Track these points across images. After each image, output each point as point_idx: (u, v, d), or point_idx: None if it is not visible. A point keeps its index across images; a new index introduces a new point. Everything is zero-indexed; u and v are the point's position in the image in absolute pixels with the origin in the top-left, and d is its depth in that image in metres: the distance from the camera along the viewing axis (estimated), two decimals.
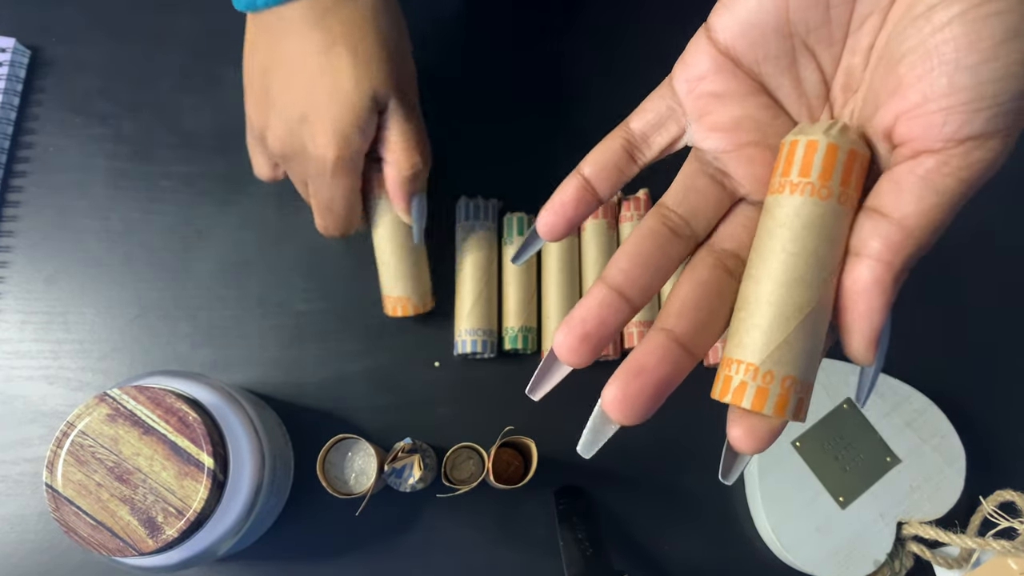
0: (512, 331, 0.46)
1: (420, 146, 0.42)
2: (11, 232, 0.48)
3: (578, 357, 0.24)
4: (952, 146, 0.20)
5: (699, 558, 0.45)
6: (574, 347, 0.23)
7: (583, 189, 0.26)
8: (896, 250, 0.21)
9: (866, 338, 0.21)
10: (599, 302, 0.24)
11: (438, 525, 0.45)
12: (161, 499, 0.34)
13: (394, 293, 0.46)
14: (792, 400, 0.22)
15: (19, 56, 0.50)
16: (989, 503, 0.43)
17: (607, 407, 0.23)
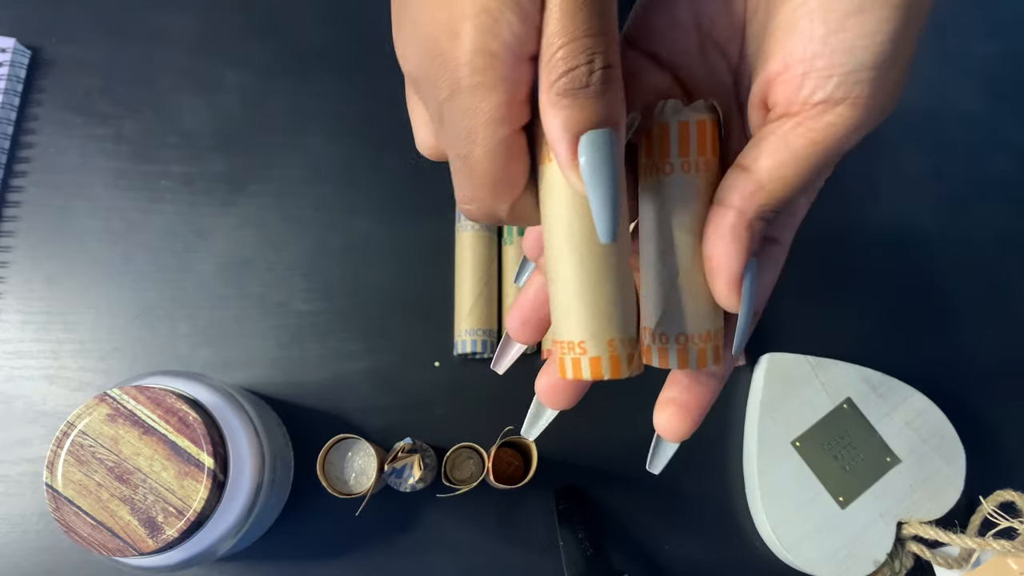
0: None
1: (594, 27, 0.21)
2: (11, 232, 0.48)
3: (523, 336, 0.27)
4: (807, 109, 0.21)
5: (699, 558, 0.45)
6: (517, 329, 0.27)
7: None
8: (748, 200, 0.22)
9: (726, 282, 0.22)
10: (535, 290, 0.26)
11: (438, 525, 0.45)
12: (161, 499, 0.34)
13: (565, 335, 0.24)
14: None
15: (19, 56, 0.50)
16: (989, 503, 0.43)
17: (540, 395, 0.27)
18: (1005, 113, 0.54)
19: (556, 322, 0.23)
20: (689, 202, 0.23)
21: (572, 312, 0.23)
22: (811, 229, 0.50)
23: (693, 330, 0.24)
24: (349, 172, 0.50)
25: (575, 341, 0.23)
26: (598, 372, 0.23)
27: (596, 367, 0.23)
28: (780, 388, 0.46)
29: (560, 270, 0.23)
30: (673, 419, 0.26)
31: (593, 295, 0.23)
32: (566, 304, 0.23)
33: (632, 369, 0.23)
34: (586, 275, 0.22)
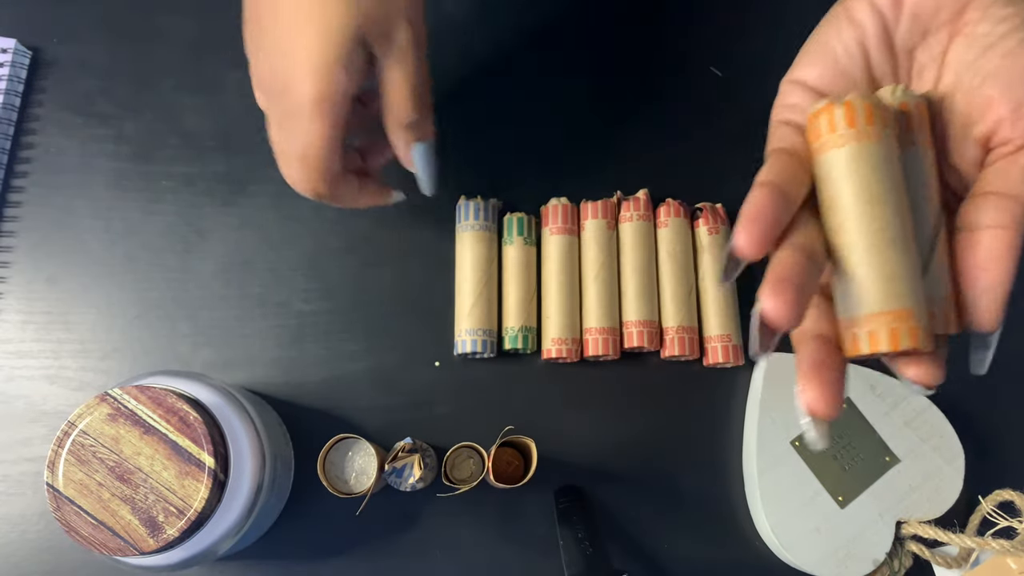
0: (512, 331, 0.46)
1: (417, 89, 0.38)
2: (12, 232, 0.48)
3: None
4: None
5: (699, 557, 0.45)
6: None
7: (773, 193, 0.27)
8: (1018, 220, 0.26)
9: (997, 300, 0.26)
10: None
11: (438, 524, 0.45)
12: (162, 499, 0.34)
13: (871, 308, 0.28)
14: None
15: (20, 57, 0.50)
16: (988, 502, 0.43)
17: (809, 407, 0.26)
18: None
19: (859, 297, 0.25)
20: (932, 178, 0.27)
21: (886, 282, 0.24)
22: None
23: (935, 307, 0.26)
24: None
25: (888, 311, 0.24)
26: (914, 340, 0.25)
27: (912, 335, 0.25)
28: (779, 388, 0.46)
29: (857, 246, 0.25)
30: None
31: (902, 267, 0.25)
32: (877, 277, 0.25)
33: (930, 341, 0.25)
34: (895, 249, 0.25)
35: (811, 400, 0.25)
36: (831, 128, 0.26)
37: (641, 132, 0.51)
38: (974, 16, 0.28)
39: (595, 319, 0.46)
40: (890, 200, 0.25)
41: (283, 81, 0.36)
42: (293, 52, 0.35)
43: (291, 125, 0.37)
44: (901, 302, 0.24)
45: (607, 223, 0.48)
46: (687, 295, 0.47)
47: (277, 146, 0.39)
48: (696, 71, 0.53)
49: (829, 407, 0.25)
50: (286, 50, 0.35)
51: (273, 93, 0.37)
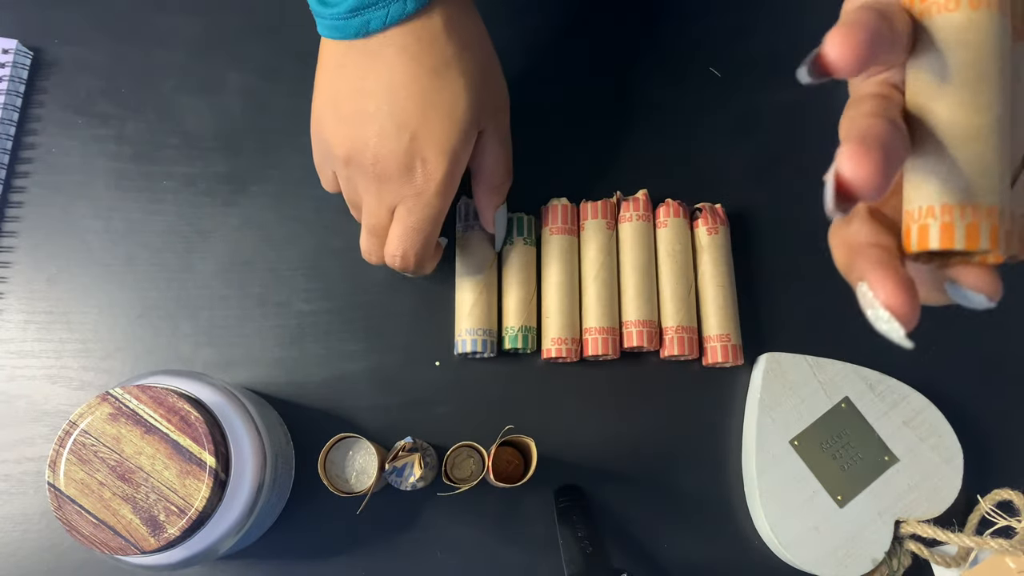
0: (512, 331, 0.46)
1: (509, 163, 0.46)
2: (14, 232, 0.48)
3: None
4: None
5: (698, 556, 0.45)
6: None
7: (879, 16, 0.21)
8: None
9: None
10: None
11: (438, 524, 0.45)
12: (163, 498, 0.34)
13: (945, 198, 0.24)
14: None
15: (21, 57, 0.50)
16: (987, 502, 0.44)
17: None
18: None
19: (943, 183, 0.21)
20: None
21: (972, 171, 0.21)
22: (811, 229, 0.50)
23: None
24: None
25: (972, 203, 0.21)
26: (994, 241, 0.21)
27: (992, 235, 0.21)
28: (778, 387, 0.46)
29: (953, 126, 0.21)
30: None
31: (996, 161, 0.21)
32: (968, 163, 0.21)
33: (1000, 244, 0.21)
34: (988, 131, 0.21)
35: (888, 295, 0.21)
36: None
37: (640, 132, 0.52)
38: None
39: (595, 319, 0.46)
40: (1000, 84, 0.21)
41: (408, 164, 0.40)
42: (421, 138, 0.39)
43: (415, 201, 0.41)
44: (989, 197, 0.21)
45: (607, 223, 0.48)
46: (686, 295, 0.47)
47: (375, 220, 0.42)
48: (696, 71, 0.53)
49: (907, 305, 0.21)
50: (414, 135, 0.39)
51: (394, 173, 0.40)
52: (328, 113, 0.41)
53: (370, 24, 0.38)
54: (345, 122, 0.40)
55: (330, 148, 0.41)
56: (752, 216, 0.50)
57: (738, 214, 0.50)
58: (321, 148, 0.43)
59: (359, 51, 0.39)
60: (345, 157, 0.41)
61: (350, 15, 0.38)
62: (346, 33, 0.39)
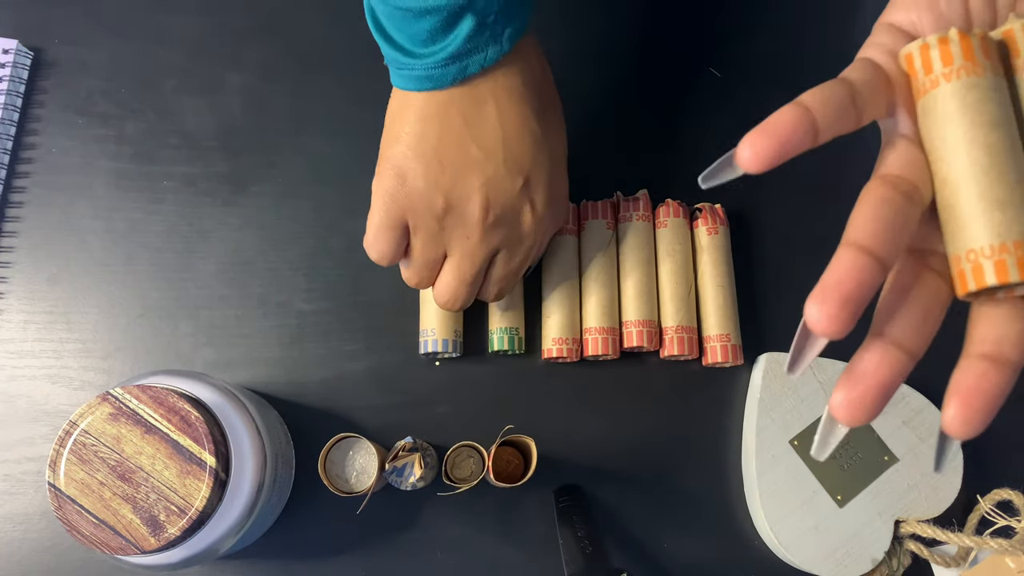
0: (498, 332, 0.46)
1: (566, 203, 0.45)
2: (14, 232, 0.48)
3: (837, 325, 0.22)
4: None
5: (698, 556, 0.45)
6: (833, 314, 0.22)
7: (804, 116, 0.24)
8: None
9: None
10: (852, 263, 0.23)
11: (439, 523, 0.45)
12: (163, 498, 0.34)
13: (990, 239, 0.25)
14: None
15: (22, 58, 0.50)
16: (986, 502, 0.44)
17: (834, 411, 0.24)
18: None
19: (969, 228, 0.23)
20: None
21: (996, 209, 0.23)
22: (811, 229, 0.50)
23: None
24: (350, 172, 0.50)
25: (1007, 243, 0.22)
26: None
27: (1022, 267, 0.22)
28: (778, 387, 0.46)
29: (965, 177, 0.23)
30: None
31: (1014, 196, 0.23)
32: (987, 206, 0.23)
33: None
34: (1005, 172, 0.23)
35: (840, 403, 0.23)
36: (927, 69, 0.24)
37: (641, 133, 0.52)
38: None
39: (595, 319, 0.46)
40: (1003, 131, 0.23)
41: (518, 209, 0.39)
42: (533, 180, 0.39)
43: (520, 246, 0.41)
44: (1012, 234, 0.22)
45: (607, 223, 0.48)
46: (686, 295, 0.47)
47: (476, 270, 0.41)
48: (695, 72, 0.53)
49: (854, 416, 0.23)
50: (527, 180, 0.39)
51: (498, 218, 0.39)
52: (422, 164, 0.37)
53: (468, 69, 0.36)
54: (448, 170, 0.37)
55: (427, 200, 0.38)
56: (752, 216, 0.50)
57: (738, 214, 0.50)
58: (407, 202, 0.39)
59: (462, 97, 0.37)
60: (445, 207, 0.38)
61: (448, 62, 0.36)
62: (442, 82, 0.36)
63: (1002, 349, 0.24)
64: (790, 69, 0.53)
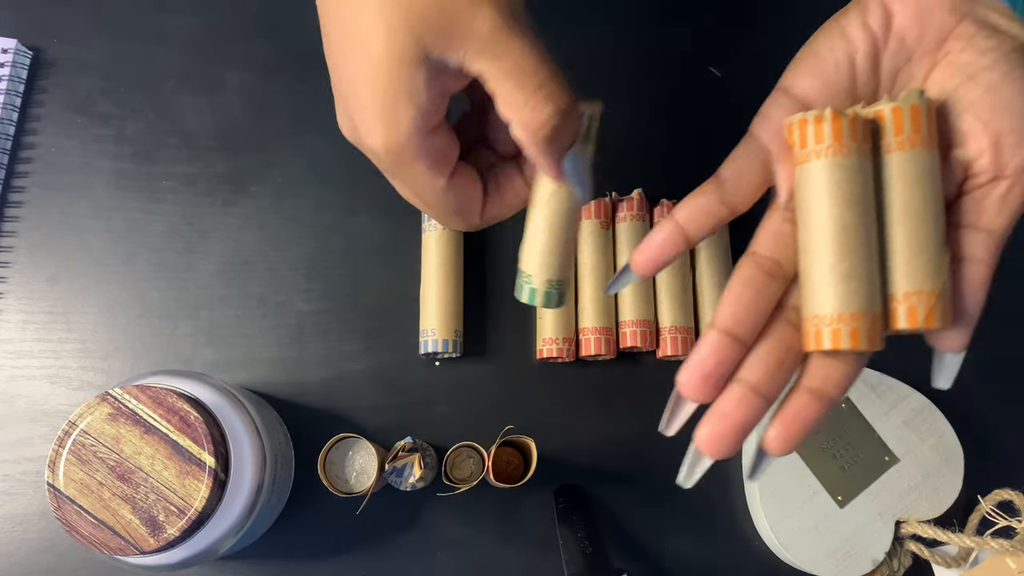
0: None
1: (545, 86, 0.28)
2: (13, 232, 0.48)
3: (701, 394, 0.28)
4: (1018, 172, 0.27)
5: (698, 556, 0.45)
6: (697, 386, 0.28)
7: (675, 233, 0.30)
8: (993, 253, 0.28)
9: (967, 333, 0.28)
10: (714, 345, 0.27)
11: (438, 524, 0.45)
12: (162, 498, 0.34)
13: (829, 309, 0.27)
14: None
15: (21, 57, 0.50)
16: (987, 502, 0.44)
17: (699, 444, 0.28)
18: None
19: (816, 295, 0.27)
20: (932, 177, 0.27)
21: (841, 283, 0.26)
22: None
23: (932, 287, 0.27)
24: (349, 172, 0.50)
25: (845, 313, 0.26)
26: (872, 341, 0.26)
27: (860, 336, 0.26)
28: None
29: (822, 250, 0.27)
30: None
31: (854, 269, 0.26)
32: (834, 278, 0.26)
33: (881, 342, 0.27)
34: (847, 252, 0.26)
35: (706, 436, 0.28)
36: (803, 143, 0.27)
37: (637, 132, 0.52)
38: (957, 45, 0.28)
39: (591, 319, 0.46)
40: (859, 210, 0.27)
41: (358, 137, 0.30)
42: (350, 102, 0.29)
43: (391, 178, 0.31)
44: (851, 306, 0.26)
45: (601, 223, 0.48)
46: (682, 295, 0.47)
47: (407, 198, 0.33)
48: (694, 71, 0.53)
49: (716, 450, 0.27)
50: (344, 99, 0.30)
51: (357, 142, 0.30)
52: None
53: None
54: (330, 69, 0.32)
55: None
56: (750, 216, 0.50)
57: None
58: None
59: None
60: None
61: None
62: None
63: (825, 386, 0.27)
64: None
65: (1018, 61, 0.27)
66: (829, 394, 0.27)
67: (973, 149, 0.28)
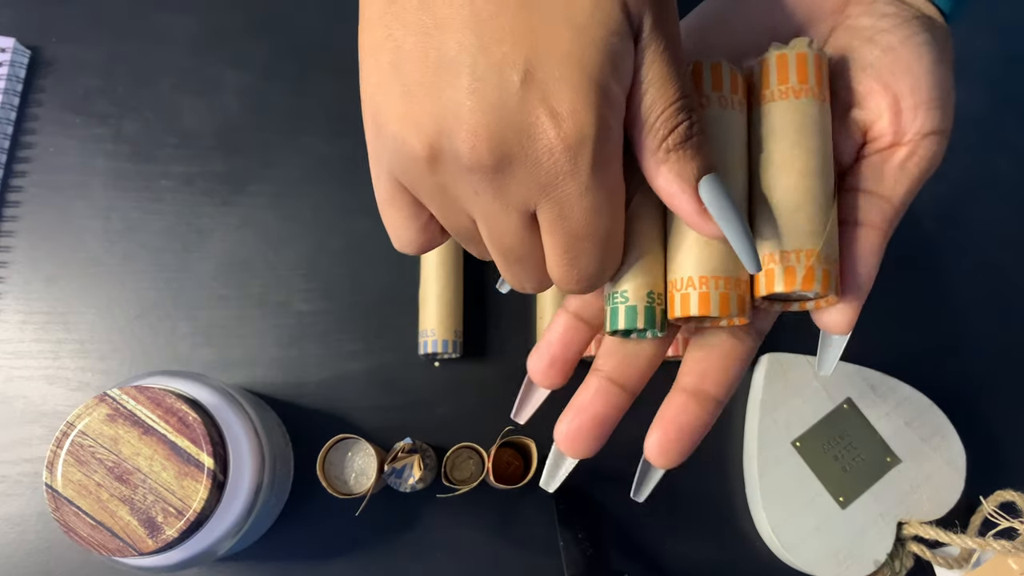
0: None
1: (686, 90, 0.23)
2: (11, 232, 0.48)
3: (550, 379, 0.27)
4: (917, 139, 0.26)
5: (699, 558, 0.45)
6: (544, 370, 0.27)
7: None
8: (889, 222, 0.26)
9: (855, 310, 0.25)
10: (563, 328, 0.26)
11: (438, 525, 0.45)
12: (161, 499, 0.34)
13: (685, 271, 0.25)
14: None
15: (19, 56, 0.50)
16: (989, 503, 0.43)
17: (558, 442, 0.26)
18: (1005, 113, 0.54)
19: (674, 260, 0.25)
20: (818, 126, 0.26)
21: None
22: None
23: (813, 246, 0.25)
24: (349, 172, 0.50)
25: (705, 276, 0.24)
26: (731, 306, 0.24)
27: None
28: (780, 388, 0.46)
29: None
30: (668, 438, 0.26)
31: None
32: (694, 239, 0.24)
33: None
34: None
35: (566, 434, 0.26)
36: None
37: None
38: (857, 10, 0.27)
39: None
40: (722, 167, 0.25)
41: (524, 127, 0.21)
42: (540, 73, 0.21)
43: (564, 191, 0.22)
44: (712, 267, 0.24)
45: None
46: None
47: (510, 239, 0.24)
48: None
49: (575, 448, 0.26)
50: (527, 71, 0.21)
51: (502, 153, 0.21)
52: (386, 89, 0.23)
53: None
54: (416, 90, 0.22)
55: (401, 143, 0.23)
56: None
57: None
58: (386, 148, 0.24)
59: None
60: (429, 151, 0.22)
61: None
62: None
63: (702, 384, 0.25)
64: None
65: (917, 27, 0.26)
66: (707, 392, 0.25)
67: (872, 111, 0.26)
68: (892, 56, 0.26)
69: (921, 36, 0.26)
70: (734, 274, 0.24)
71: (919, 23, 0.26)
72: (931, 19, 0.27)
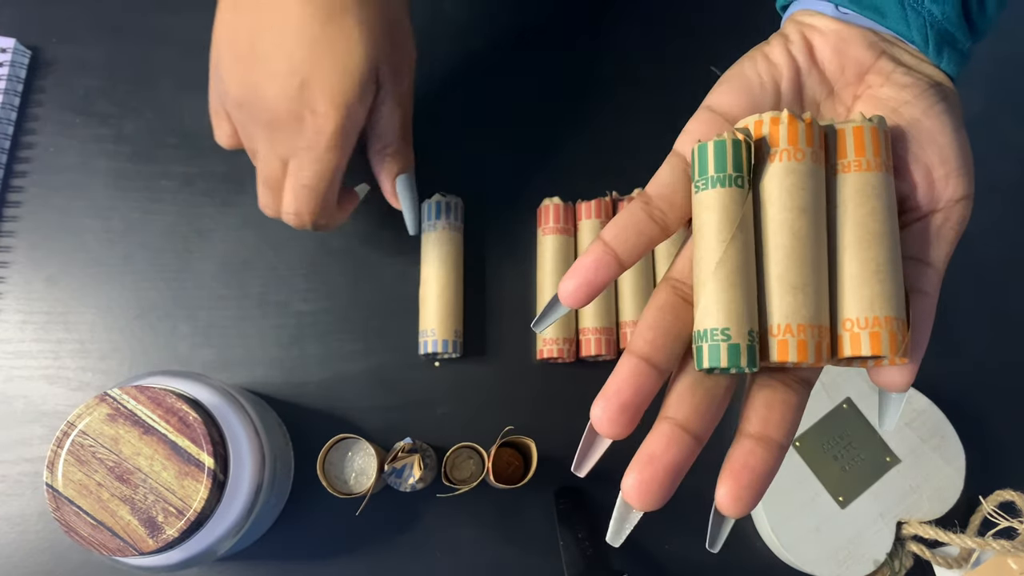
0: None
1: (408, 123, 0.43)
2: (12, 232, 0.48)
3: (618, 428, 0.25)
4: (950, 205, 0.27)
5: (699, 558, 0.45)
6: (614, 418, 0.25)
7: (604, 254, 0.27)
8: (937, 287, 0.27)
9: (917, 363, 0.26)
10: (631, 372, 0.25)
11: (438, 525, 0.45)
12: (161, 499, 0.34)
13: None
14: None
15: (19, 56, 0.50)
16: (989, 503, 0.43)
17: (626, 495, 0.25)
18: (1005, 113, 0.54)
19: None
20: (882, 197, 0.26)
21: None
22: None
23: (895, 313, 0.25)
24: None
25: (792, 324, 0.24)
26: (819, 354, 0.24)
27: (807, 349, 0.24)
28: None
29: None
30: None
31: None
32: (781, 288, 0.25)
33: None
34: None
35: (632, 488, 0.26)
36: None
37: (637, 131, 0.51)
38: (877, 80, 0.28)
39: (591, 319, 0.46)
40: (811, 216, 0.25)
41: (298, 112, 0.37)
42: (312, 86, 0.36)
43: (306, 156, 0.38)
44: (798, 317, 0.25)
45: (602, 223, 0.47)
46: None
47: (269, 171, 0.40)
48: (694, 71, 0.53)
49: (645, 500, 0.26)
50: (304, 82, 0.36)
51: (283, 122, 0.37)
52: (225, 52, 0.38)
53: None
54: (241, 61, 0.37)
55: (226, 88, 0.39)
56: None
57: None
58: (218, 89, 0.40)
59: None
60: (237, 98, 0.38)
61: None
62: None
63: (767, 430, 0.26)
64: None
65: (935, 97, 0.28)
66: (772, 437, 0.25)
67: (908, 183, 0.27)
68: (918, 128, 0.27)
69: (940, 105, 0.28)
70: (826, 324, 0.25)
71: (935, 92, 0.28)
72: (943, 85, 0.28)
